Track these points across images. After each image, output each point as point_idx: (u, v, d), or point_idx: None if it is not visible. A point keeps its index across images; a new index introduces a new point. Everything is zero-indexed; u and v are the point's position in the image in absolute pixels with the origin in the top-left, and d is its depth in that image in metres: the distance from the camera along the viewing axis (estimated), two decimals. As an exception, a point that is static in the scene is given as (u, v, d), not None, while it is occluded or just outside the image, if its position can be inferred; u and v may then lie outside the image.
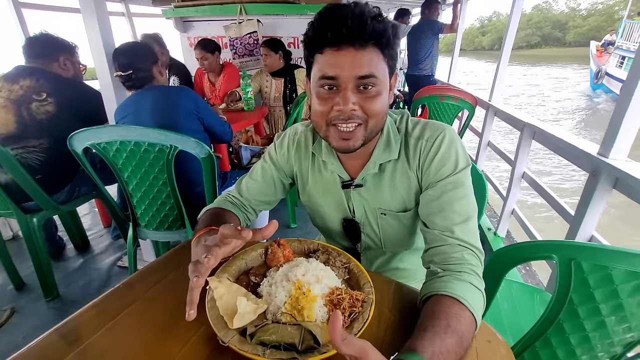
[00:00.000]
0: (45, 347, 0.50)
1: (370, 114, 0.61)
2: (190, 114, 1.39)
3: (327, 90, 0.61)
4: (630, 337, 0.63)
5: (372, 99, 0.61)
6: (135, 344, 0.51)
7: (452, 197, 0.64)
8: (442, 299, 0.53)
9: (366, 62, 0.58)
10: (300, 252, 0.72)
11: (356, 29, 0.55)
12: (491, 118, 2.55)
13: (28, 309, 1.59)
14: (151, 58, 1.41)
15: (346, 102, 0.59)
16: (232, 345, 0.47)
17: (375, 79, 0.59)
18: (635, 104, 1.07)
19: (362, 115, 0.61)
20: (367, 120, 0.62)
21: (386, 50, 0.60)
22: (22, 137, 1.45)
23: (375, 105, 0.61)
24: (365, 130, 0.63)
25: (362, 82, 0.59)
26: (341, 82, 0.59)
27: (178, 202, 1.28)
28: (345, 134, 0.63)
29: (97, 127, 1.13)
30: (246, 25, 2.94)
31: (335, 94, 0.60)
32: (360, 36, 0.56)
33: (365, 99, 0.60)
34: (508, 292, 1.10)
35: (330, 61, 0.58)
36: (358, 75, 0.58)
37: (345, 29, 0.55)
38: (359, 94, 0.60)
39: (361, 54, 0.57)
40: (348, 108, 0.59)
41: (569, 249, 0.61)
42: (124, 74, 1.35)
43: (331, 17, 0.57)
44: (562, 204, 1.50)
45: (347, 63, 0.57)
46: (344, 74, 0.58)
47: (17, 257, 1.75)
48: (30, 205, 1.54)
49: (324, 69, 0.59)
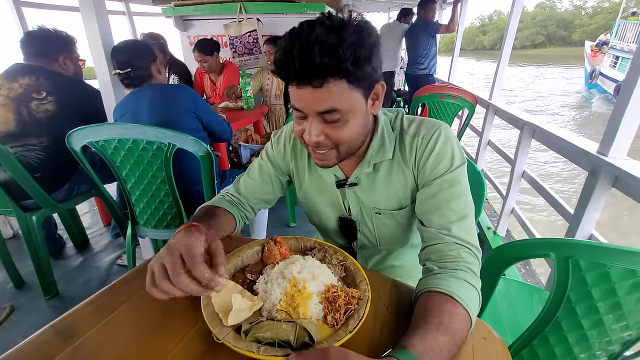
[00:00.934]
0: (40, 343, 0.50)
1: (338, 142, 0.61)
2: (188, 113, 1.39)
3: (300, 115, 0.61)
4: (627, 336, 0.63)
5: (339, 129, 0.60)
6: (131, 340, 0.51)
7: (449, 195, 0.64)
8: (436, 295, 0.53)
9: (326, 98, 0.55)
10: (296, 250, 0.72)
11: (305, 71, 0.52)
12: (491, 117, 2.54)
13: (27, 307, 1.60)
14: (150, 56, 1.41)
15: (310, 135, 0.60)
16: (227, 343, 0.47)
17: (338, 112, 0.57)
18: (635, 103, 1.07)
19: (329, 143, 0.61)
20: (338, 146, 0.62)
21: (352, 77, 0.54)
22: (21, 136, 1.45)
23: (341, 134, 0.60)
24: (338, 153, 0.64)
25: (324, 116, 0.58)
26: (306, 113, 0.59)
27: (176, 200, 1.28)
28: (319, 155, 0.64)
29: (95, 125, 1.13)
30: (246, 23, 2.94)
31: (305, 121, 0.61)
32: (313, 75, 0.53)
33: (331, 129, 0.60)
34: (507, 290, 1.10)
35: (294, 94, 0.58)
36: (318, 111, 0.57)
37: (294, 71, 0.53)
38: (326, 124, 0.59)
39: (319, 92, 0.54)
40: (312, 140, 0.60)
41: (567, 246, 0.61)
42: (122, 71, 1.35)
43: (285, 56, 0.53)
44: (562, 203, 1.49)
45: (307, 99, 0.56)
46: (306, 109, 0.58)
47: (16, 255, 1.75)
48: (30, 204, 1.54)
49: (292, 100, 0.60)
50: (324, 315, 0.53)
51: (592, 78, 13.38)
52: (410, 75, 3.91)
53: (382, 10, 7.60)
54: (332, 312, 0.53)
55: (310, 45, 0.50)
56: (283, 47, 0.53)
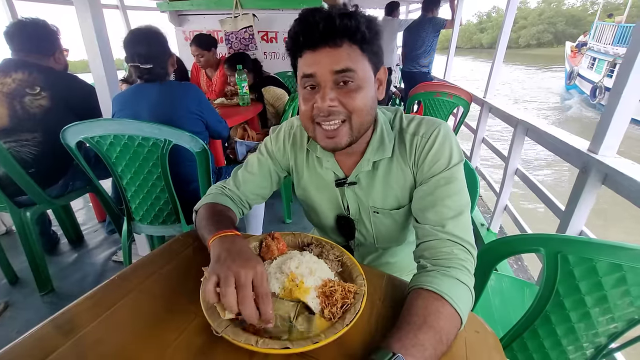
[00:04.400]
0: (41, 337, 0.50)
1: (351, 109, 0.61)
2: (192, 115, 1.36)
3: (309, 91, 0.62)
4: (613, 328, 0.66)
5: (352, 93, 0.61)
6: (131, 334, 0.52)
7: (445, 192, 0.65)
8: (425, 293, 0.54)
9: (343, 57, 0.59)
10: (294, 246, 0.73)
11: (327, 29, 0.57)
12: (486, 115, 2.57)
13: (22, 303, 1.59)
14: (169, 51, 1.35)
15: (323, 99, 0.60)
16: (226, 336, 0.48)
17: (353, 73, 0.59)
18: (624, 102, 1.09)
19: (343, 110, 0.61)
20: (351, 117, 0.62)
21: (364, 45, 0.60)
22: (15, 131, 1.44)
23: (355, 100, 0.61)
24: (351, 127, 0.63)
25: (340, 76, 0.59)
26: (319, 79, 0.60)
27: (172, 197, 1.28)
28: (330, 132, 0.63)
29: (90, 121, 1.12)
30: (242, 19, 2.92)
31: (316, 93, 0.61)
32: (332, 35, 0.57)
33: (344, 94, 0.61)
34: (499, 285, 1.12)
35: (308, 61, 0.60)
36: (334, 70, 0.59)
37: (317, 31, 0.57)
38: (339, 90, 0.61)
39: (336, 51, 0.58)
40: (326, 105, 0.60)
41: (556, 242, 0.63)
42: (144, 67, 1.25)
43: (304, 22, 0.59)
44: (553, 199, 1.52)
45: (323, 60, 0.59)
46: (321, 70, 0.59)
47: (10, 251, 1.74)
48: (24, 199, 1.53)
49: (303, 68, 0.61)
50: (322, 309, 0.55)
51: (571, 79, 13.46)
52: (408, 73, 3.85)
53: (379, 7, 7.58)
54: (329, 306, 0.54)
55: (331, 11, 0.58)
56: (301, 18, 0.59)
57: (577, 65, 13.32)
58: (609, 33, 11.78)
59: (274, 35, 3.09)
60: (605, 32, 12.05)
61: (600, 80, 10.28)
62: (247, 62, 2.32)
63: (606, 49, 11.14)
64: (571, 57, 14.07)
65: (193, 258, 0.70)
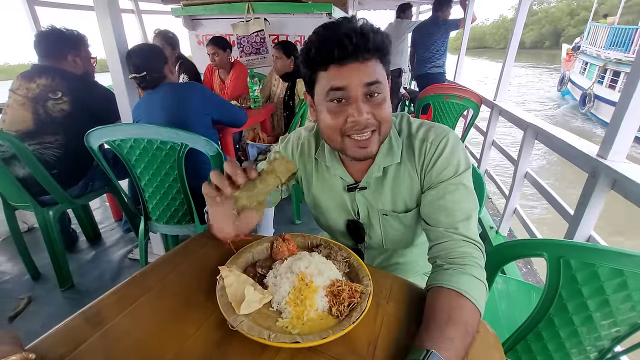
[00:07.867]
0: (72, 328, 0.55)
1: (381, 120, 0.65)
2: (198, 112, 1.45)
3: (337, 104, 0.64)
4: (616, 332, 0.67)
5: (381, 105, 0.64)
6: (153, 326, 0.56)
7: (455, 197, 0.68)
8: (446, 291, 0.58)
9: (371, 71, 0.61)
10: (303, 247, 0.76)
11: (361, 45, 0.59)
12: (496, 118, 2.56)
13: (44, 298, 1.66)
14: (162, 58, 1.48)
15: (360, 113, 0.62)
16: (241, 330, 0.52)
17: (381, 85, 0.63)
18: (634, 106, 1.09)
19: (374, 122, 0.64)
20: (380, 127, 0.65)
21: (384, 59, 0.64)
22: (38, 134, 1.51)
23: (384, 111, 0.64)
24: (379, 135, 0.67)
25: (370, 89, 0.62)
26: (351, 92, 0.61)
27: (187, 198, 1.33)
28: (362, 142, 0.65)
29: (113, 125, 1.19)
30: (253, 23, 2.98)
31: (346, 106, 0.63)
32: (364, 50, 0.59)
33: (374, 106, 0.63)
34: (506, 289, 1.13)
35: (337, 75, 0.61)
36: (366, 82, 0.61)
37: (351, 45, 0.58)
38: (369, 103, 0.63)
39: (365, 66, 0.61)
40: (364, 118, 0.62)
41: (558, 247, 0.64)
42: (139, 75, 1.43)
43: (333, 35, 0.59)
44: (562, 204, 1.52)
45: (354, 74, 0.61)
46: (353, 83, 0.61)
47: (32, 248, 1.82)
48: (47, 199, 1.60)
49: (332, 82, 0.62)
50: (329, 307, 0.58)
51: (562, 84, 12.70)
52: (423, 76, 3.75)
53: (390, 8, 7.55)
54: (336, 304, 0.57)
55: (361, 24, 0.60)
56: (326, 29, 0.61)
57: (570, 69, 12.55)
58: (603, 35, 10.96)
59: (284, 38, 3.13)
60: (599, 34, 11.24)
61: (590, 87, 9.49)
62: (290, 49, 2.42)
63: (598, 53, 10.33)
64: (566, 61, 13.24)
65: (209, 257, 0.74)
